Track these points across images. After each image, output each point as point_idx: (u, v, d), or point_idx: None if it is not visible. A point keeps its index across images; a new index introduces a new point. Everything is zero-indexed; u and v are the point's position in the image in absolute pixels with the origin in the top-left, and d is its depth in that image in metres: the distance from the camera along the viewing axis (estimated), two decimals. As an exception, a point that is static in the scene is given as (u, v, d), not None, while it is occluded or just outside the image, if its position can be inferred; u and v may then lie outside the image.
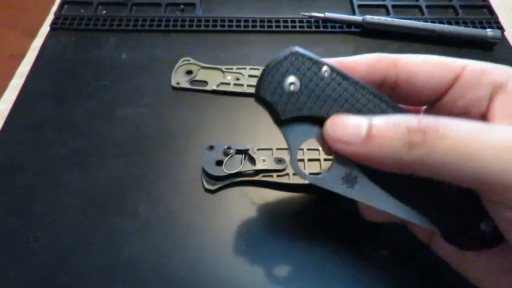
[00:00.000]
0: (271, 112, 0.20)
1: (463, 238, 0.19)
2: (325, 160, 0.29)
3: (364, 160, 0.18)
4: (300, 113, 0.19)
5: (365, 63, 0.20)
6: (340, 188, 0.20)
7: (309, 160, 0.29)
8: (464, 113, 0.20)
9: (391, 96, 0.21)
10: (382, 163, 0.18)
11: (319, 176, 0.21)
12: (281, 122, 0.20)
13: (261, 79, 0.19)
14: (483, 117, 0.19)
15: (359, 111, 0.19)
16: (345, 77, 0.19)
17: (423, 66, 0.20)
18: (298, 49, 0.19)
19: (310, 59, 0.19)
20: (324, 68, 0.19)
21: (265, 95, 0.19)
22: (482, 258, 0.20)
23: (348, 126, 0.18)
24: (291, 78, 0.19)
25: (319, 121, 0.19)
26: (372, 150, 0.17)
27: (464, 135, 0.16)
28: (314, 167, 0.29)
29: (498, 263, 0.20)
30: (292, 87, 0.19)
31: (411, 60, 0.20)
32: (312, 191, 0.28)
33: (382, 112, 0.19)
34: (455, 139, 0.16)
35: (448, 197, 0.19)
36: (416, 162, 0.17)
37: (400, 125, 0.17)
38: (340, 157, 0.19)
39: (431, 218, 0.20)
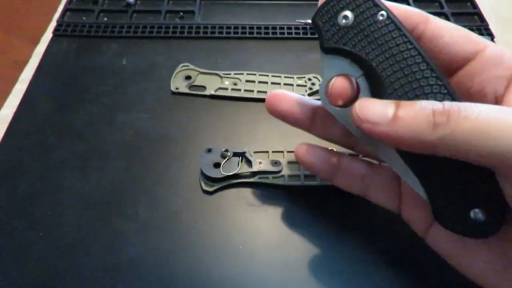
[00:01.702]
0: (319, 36, 0.21)
1: (449, 218, 0.20)
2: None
3: (389, 140, 0.19)
4: (342, 45, 0.21)
5: (401, 10, 0.21)
6: (354, 129, 0.21)
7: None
8: (479, 92, 0.20)
9: None
10: (406, 143, 0.18)
11: (340, 110, 0.22)
12: (324, 48, 0.21)
13: (321, 6, 0.21)
14: (498, 99, 0.20)
15: (397, 62, 0.20)
16: (398, 27, 0.20)
17: (451, 30, 0.21)
18: None
19: (372, 0, 0.20)
20: (382, 12, 0.20)
21: (319, 21, 0.21)
22: (485, 251, 0.20)
23: (376, 108, 0.19)
24: (347, 13, 0.20)
25: (358, 60, 0.21)
26: (398, 130, 0.18)
27: (486, 115, 0.16)
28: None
29: (503, 256, 0.20)
30: (344, 21, 0.20)
31: (442, 23, 0.21)
32: (306, 192, 0.29)
33: (420, 71, 0.19)
34: (476, 119, 0.16)
35: (448, 173, 0.19)
36: (439, 142, 0.17)
37: (426, 107, 0.18)
38: None
39: (426, 187, 0.20)
